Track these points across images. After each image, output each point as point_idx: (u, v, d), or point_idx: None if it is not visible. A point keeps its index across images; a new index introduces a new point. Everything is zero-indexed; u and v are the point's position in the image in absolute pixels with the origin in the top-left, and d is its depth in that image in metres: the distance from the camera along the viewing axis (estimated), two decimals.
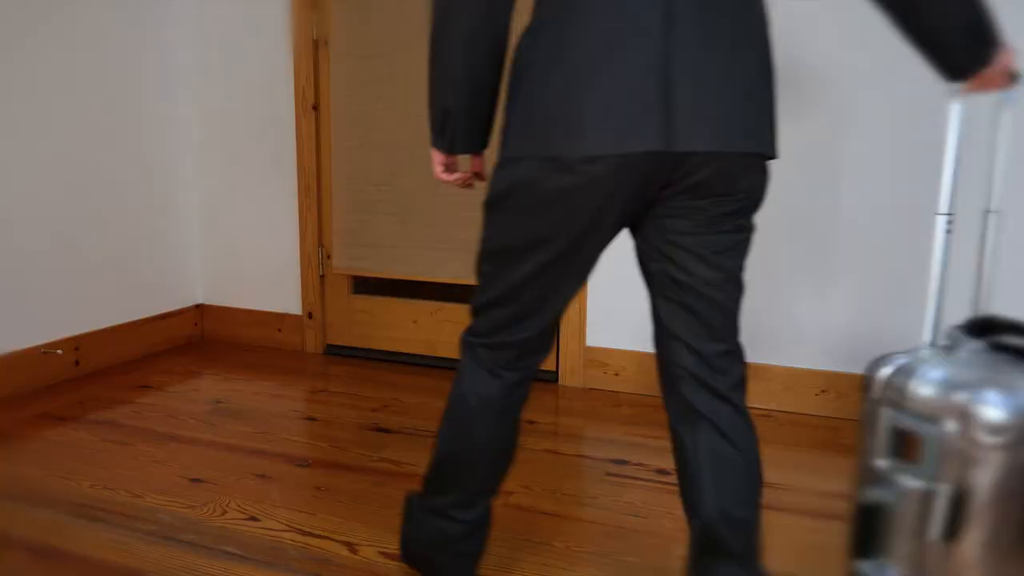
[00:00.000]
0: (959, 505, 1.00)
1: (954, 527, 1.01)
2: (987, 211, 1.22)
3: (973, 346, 1.04)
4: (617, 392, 2.66)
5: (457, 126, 1.23)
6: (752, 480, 1.22)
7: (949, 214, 1.20)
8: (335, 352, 3.12)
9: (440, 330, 2.95)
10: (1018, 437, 0.92)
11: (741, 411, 1.23)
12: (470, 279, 2.87)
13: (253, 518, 1.80)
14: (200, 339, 3.32)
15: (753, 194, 1.17)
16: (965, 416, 0.96)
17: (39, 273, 2.66)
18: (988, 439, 0.95)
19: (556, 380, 2.75)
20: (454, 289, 2.94)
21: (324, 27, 2.93)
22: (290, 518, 1.80)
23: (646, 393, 2.63)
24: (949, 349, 1.05)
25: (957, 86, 1.18)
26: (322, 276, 3.10)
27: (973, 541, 0.98)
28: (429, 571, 1.44)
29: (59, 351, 2.70)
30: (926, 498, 1.01)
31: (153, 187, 3.07)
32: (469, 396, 1.31)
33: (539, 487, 1.96)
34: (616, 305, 2.64)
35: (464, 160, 1.71)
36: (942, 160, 2.23)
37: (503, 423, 1.33)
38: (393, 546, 1.68)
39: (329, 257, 3.07)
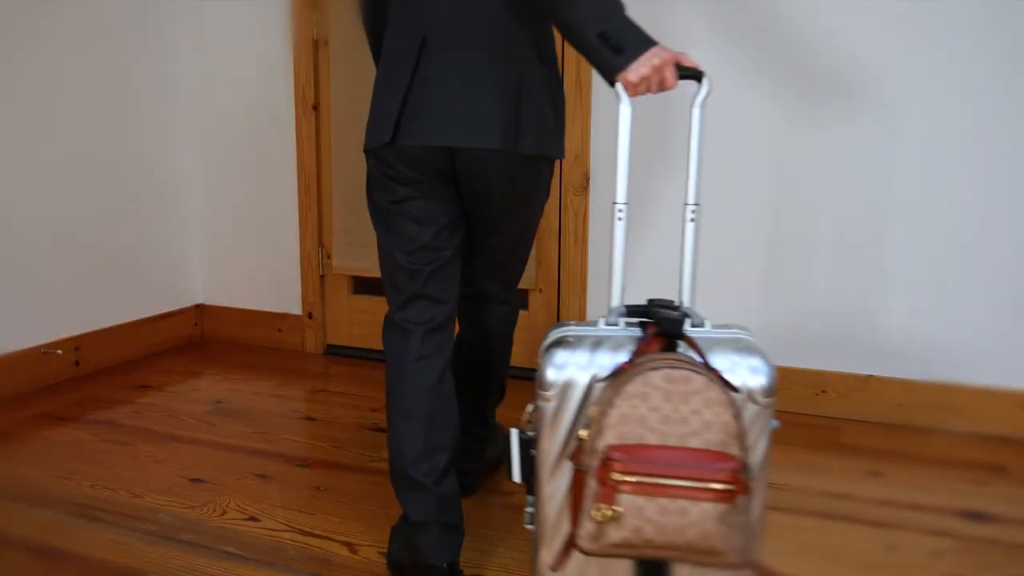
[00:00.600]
0: (526, 448, 1.25)
1: (529, 471, 1.25)
2: (686, 204, 1.32)
3: (611, 321, 1.27)
4: None
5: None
6: None
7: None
8: (335, 352, 3.12)
9: None
10: (559, 394, 1.18)
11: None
12: None
13: (253, 518, 1.80)
14: (200, 339, 3.32)
15: (485, 181, 1.48)
16: (545, 380, 1.19)
17: (39, 273, 2.66)
18: (543, 393, 1.20)
19: None
20: None
21: (324, 27, 2.93)
22: (290, 518, 1.80)
23: None
24: (595, 326, 1.27)
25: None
26: (322, 276, 3.10)
27: (553, 487, 1.22)
28: (415, 555, 1.48)
29: (59, 351, 2.70)
30: (524, 447, 1.27)
31: (153, 187, 3.07)
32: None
33: None
34: None
35: None
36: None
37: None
38: None
39: (329, 257, 3.06)
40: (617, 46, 1.27)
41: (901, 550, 1.67)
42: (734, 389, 1.16)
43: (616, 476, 1.07)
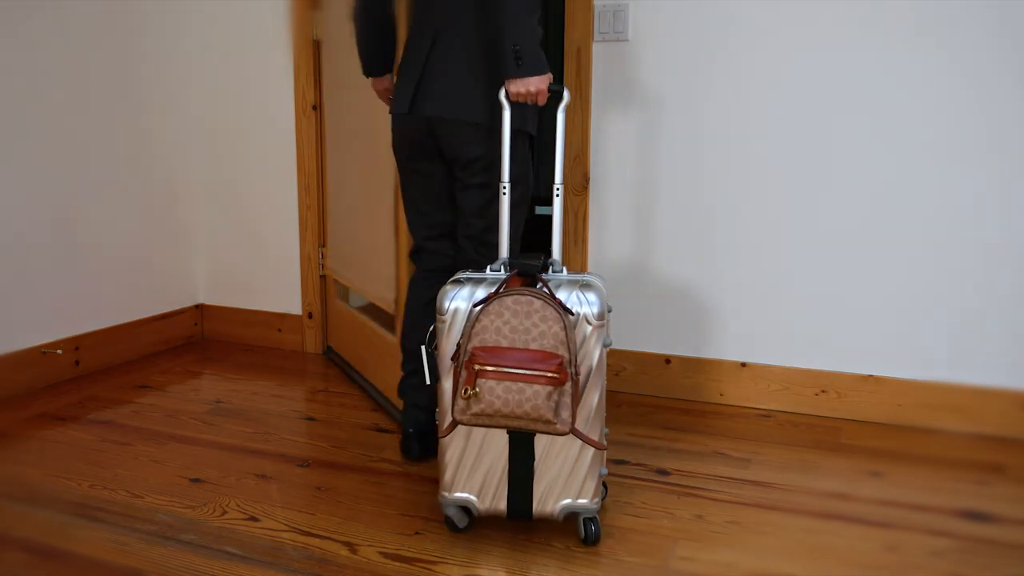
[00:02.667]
0: (434, 360, 1.72)
1: (435, 375, 1.71)
2: (555, 187, 1.80)
3: (495, 268, 1.76)
4: (617, 392, 2.66)
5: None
6: None
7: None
8: (335, 352, 3.12)
9: None
10: (450, 316, 1.65)
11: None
12: None
13: (253, 518, 1.80)
14: (200, 339, 3.32)
15: (454, 151, 1.95)
16: (441, 308, 1.66)
17: (39, 273, 2.66)
18: (440, 317, 1.67)
19: None
20: None
21: (324, 27, 2.93)
22: (290, 518, 1.80)
23: (646, 393, 2.63)
24: (484, 270, 1.78)
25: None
26: (322, 276, 3.10)
27: (447, 384, 1.67)
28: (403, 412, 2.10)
29: (59, 351, 2.70)
30: (431, 356, 1.77)
31: (153, 187, 3.07)
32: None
33: None
34: (616, 305, 2.64)
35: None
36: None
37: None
38: (393, 546, 1.68)
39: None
40: (519, 60, 1.75)
41: (901, 550, 1.67)
42: (570, 313, 1.59)
43: (477, 367, 1.53)
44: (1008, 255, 2.23)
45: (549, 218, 5.06)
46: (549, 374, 1.51)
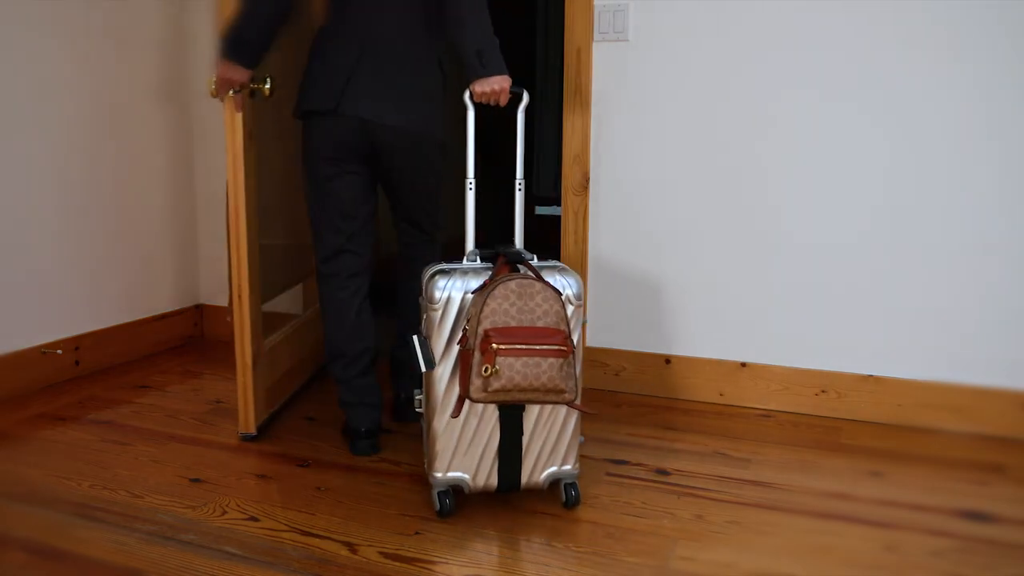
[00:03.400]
0: (427, 346, 1.79)
1: (430, 361, 1.78)
2: (517, 181, 1.94)
3: (470, 259, 1.87)
4: (617, 392, 2.66)
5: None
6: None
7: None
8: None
9: None
10: (442, 305, 1.76)
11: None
12: None
13: (253, 518, 1.80)
14: (200, 339, 3.32)
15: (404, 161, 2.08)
16: (433, 297, 1.77)
17: (39, 273, 2.66)
18: (432, 306, 1.77)
19: None
20: None
21: None
22: (290, 518, 1.80)
23: (646, 393, 2.63)
24: (460, 262, 1.88)
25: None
26: None
27: (441, 371, 1.79)
28: (351, 420, 2.17)
29: (59, 351, 2.70)
30: (423, 344, 1.81)
31: (153, 187, 3.07)
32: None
33: None
34: (616, 305, 2.64)
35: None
36: None
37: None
38: (393, 546, 1.68)
39: None
40: (484, 64, 1.87)
41: (901, 550, 1.67)
42: (558, 292, 1.72)
43: (494, 346, 1.62)
44: (1008, 255, 2.23)
45: (549, 218, 5.06)
46: (559, 347, 1.64)
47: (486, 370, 1.61)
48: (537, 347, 1.63)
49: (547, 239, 4.70)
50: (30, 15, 2.56)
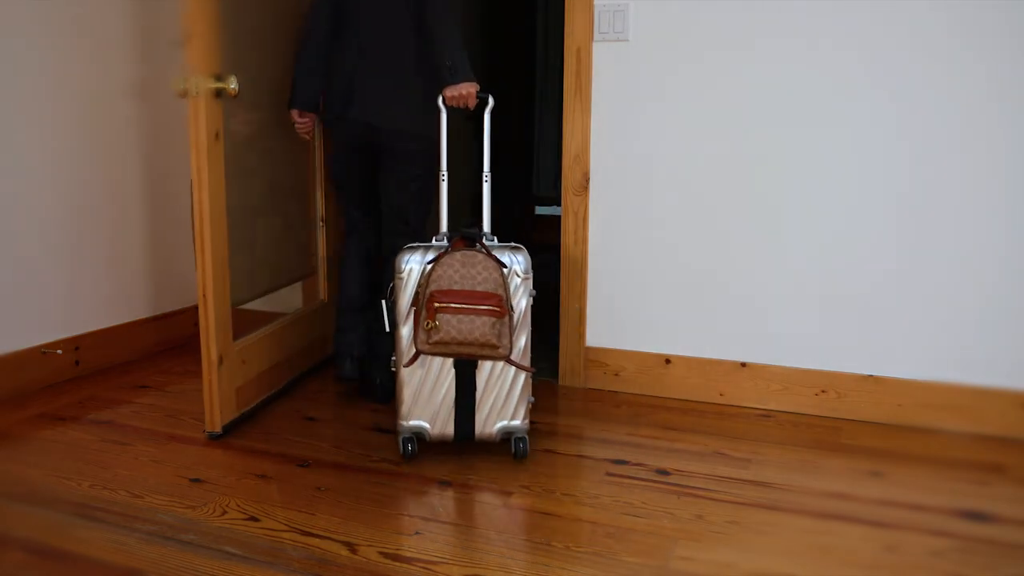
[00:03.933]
0: (393, 311, 2.08)
1: (393, 322, 2.07)
2: (484, 174, 2.25)
3: (439, 239, 2.11)
4: (617, 392, 2.66)
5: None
6: None
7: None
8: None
9: None
10: (406, 274, 2.04)
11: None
12: None
13: (253, 518, 1.80)
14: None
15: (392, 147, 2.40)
16: (399, 268, 2.05)
17: (39, 273, 2.65)
18: (398, 275, 2.05)
19: (556, 380, 2.75)
20: None
21: None
22: (290, 518, 1.80)
23: (646, 393, 2.63)
24: (431, 240, 2.13)
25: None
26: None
27: (405, 330, 2.05)
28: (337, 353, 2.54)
29: (59, 351, 2.70)
30: (390, 309, 2.11)
31: (153, 187, 3.07)
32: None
33: (539, 487, 1.96)
34: (616, 305, 2.64)
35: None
36: None
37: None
38: (393, 546, 1.68)
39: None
40: (453, 73, 2.21)
41: (901, 550, 1.67)
42: (504, 265, 2.01)
43: (436, 304, 1.92)
44: (1008, 255, 2.23)
45: (549, 218, 5.07)
46: (492, 307, 1.93)
47: (427, 324, 1.92)
48: (472, 307, 1.91)
49: (547, 238, 4.70)
50: (35, 17, 2.56)
